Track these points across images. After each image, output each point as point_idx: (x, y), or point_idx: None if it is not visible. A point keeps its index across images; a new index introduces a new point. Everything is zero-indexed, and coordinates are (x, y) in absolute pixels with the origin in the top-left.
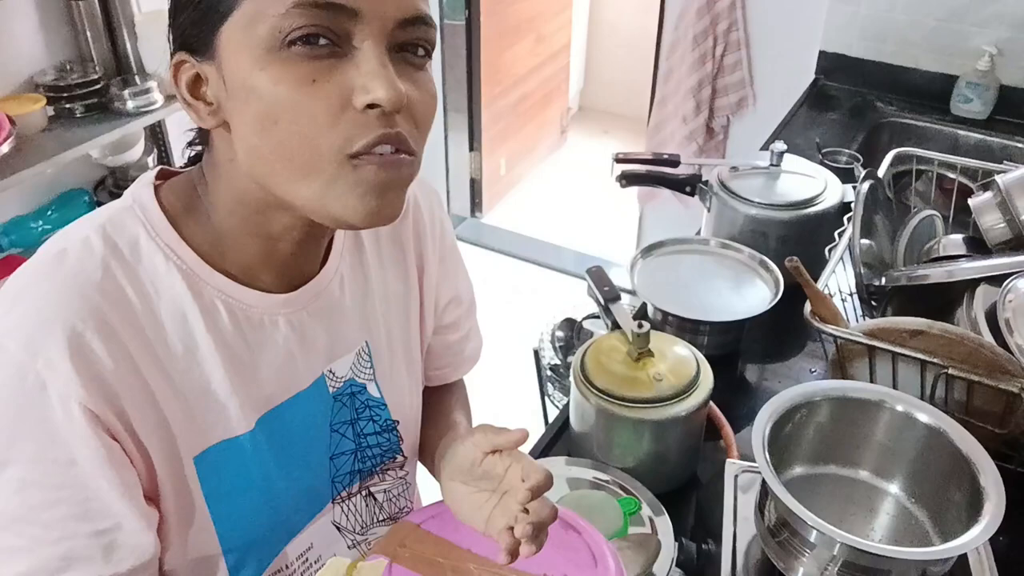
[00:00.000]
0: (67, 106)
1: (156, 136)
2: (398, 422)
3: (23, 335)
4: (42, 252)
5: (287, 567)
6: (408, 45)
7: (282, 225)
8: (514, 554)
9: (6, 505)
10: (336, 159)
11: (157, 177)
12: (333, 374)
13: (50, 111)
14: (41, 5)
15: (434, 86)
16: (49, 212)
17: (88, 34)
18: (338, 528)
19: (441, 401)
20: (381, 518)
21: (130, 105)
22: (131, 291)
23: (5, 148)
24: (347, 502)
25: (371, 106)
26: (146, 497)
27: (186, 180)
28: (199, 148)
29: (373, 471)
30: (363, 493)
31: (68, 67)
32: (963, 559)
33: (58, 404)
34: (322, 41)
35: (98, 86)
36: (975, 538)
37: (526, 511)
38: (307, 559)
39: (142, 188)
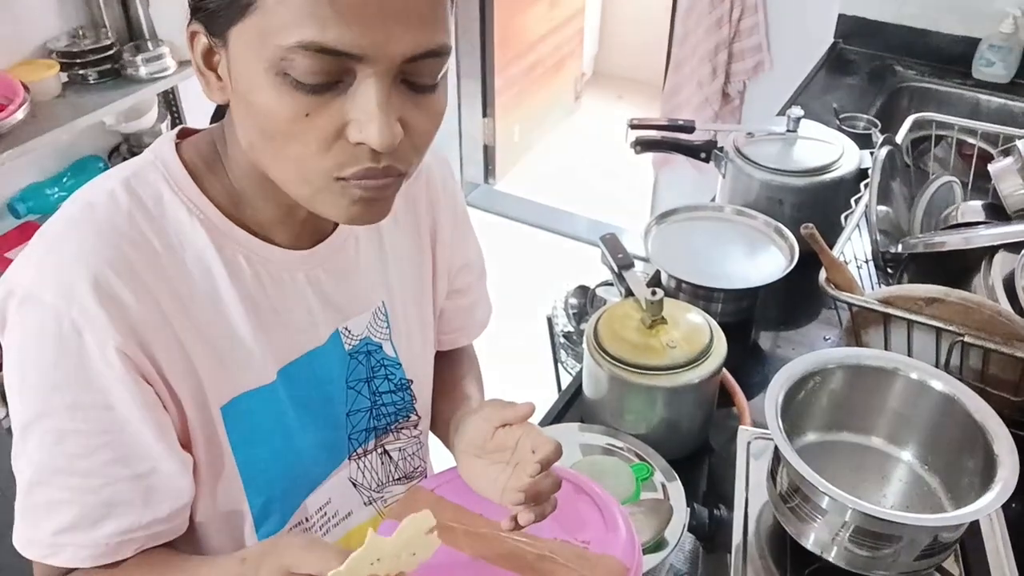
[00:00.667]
0: (80, 72)
1: (169, 102)
2: (412, 381)
3: (56, 284)
4: (69, 205)
5: (307, 520)
6: (416, 75)
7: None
8: (514, 521)
9: (46, 458)
10: (324, 178)
11: (177, 136)
12: (349, 332)
13: (64, 77)
14: None
15: (443, 102)
16: (64, 179)
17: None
18: (354, 484)
19: (453, 371)
20: (396, 476)
21: (143, 71)
22: (157, 241)
23: (20, 115)
24: (363, 459)
25: (363, 143)
26: (180, 445)
27: (207, 138)
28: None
29: (388, 429)
30: (379, 451)
31: (81, 33)
32: (975, 526)
33: (95, 348)
34: (323, 79)
35: (111, 52)
36: (987, 505)
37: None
38: (326, 513)
39: (164, 144)
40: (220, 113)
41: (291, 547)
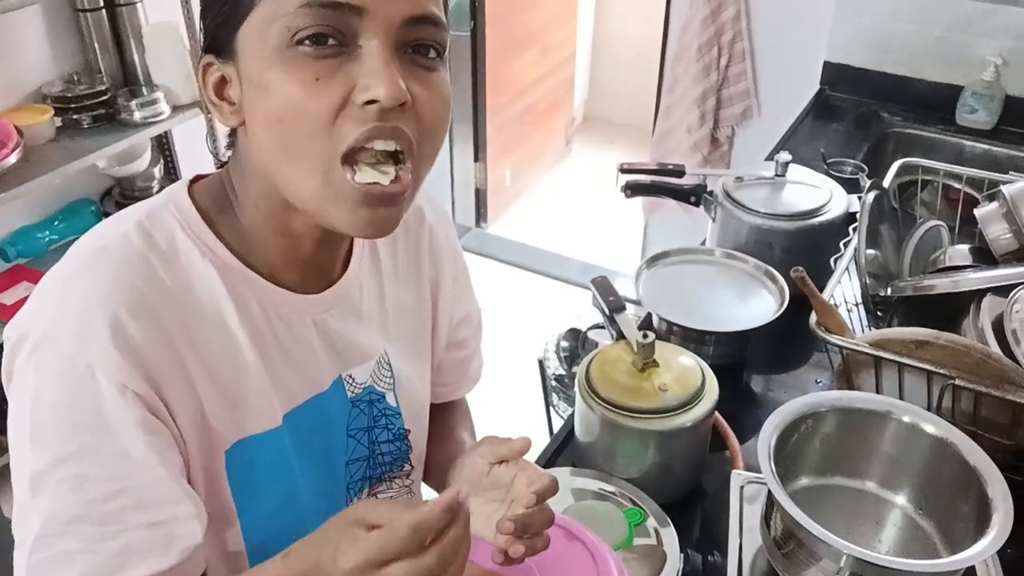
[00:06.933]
0: (75, 117)
1: (163, 146)
2: (410, 431)
3: (72, 327)
4: (82, 247)
5: None
6: (418, 46)
7: (302, 223)
8: (504, 554)
9: (61, 507)
10: (330, 163)
11: (191, 181)
12: (352, 379)
13: (58, 122)
14: (49, 16)
15: (447, 89)
16: (56, 222)
17: (96, 45)
18: None
19: (446, 421)
20: None
21: (137, 116)
22: (170, 281)
23: (13, 159)
24: None
25: (371, 102)
26: None
27: (217, 180)
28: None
29: (382, 478)
30: (369, 499)
31: (76, 78)
32: (971, 571)
33: (111, 392)
34: (330, 41)
35: (105, 97)
36: (983, 550)
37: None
38: None
39: (177, 188)
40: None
41: (360, 505)
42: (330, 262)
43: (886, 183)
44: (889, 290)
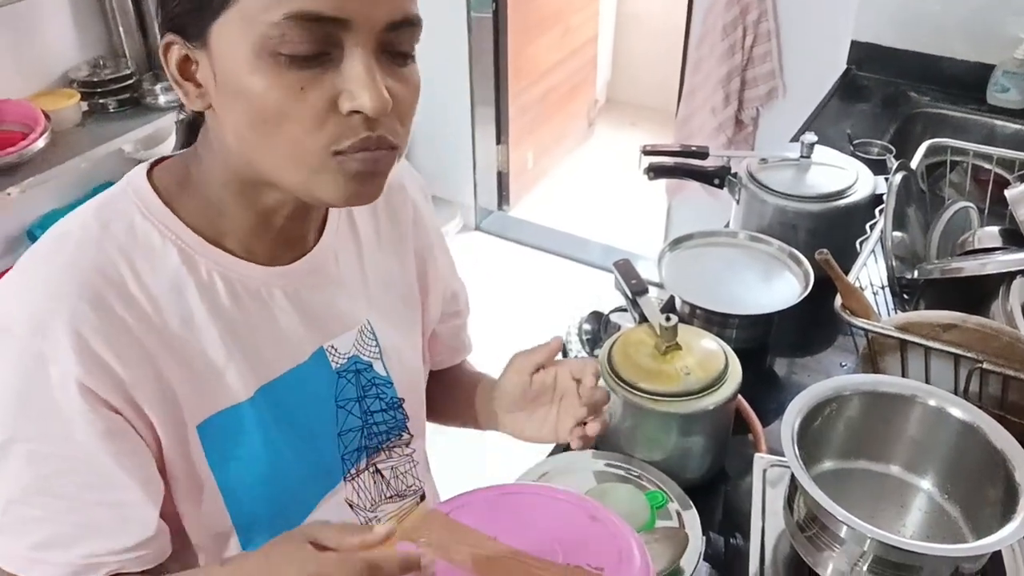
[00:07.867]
0: (100, 101)
1: None
2: (404, 399)
3: (27, 318)
4: (44, 238)
5: None
6: (395, 44)
7: (274, 199)
8: (586, 439)
9: (18, 477)
10: (320, 155)
11: (153, 164)
12: (335, 350)
13: (84, 106)
14: (74, 2)
15: (418, 77)
16: None
17: (121, 30)
18: (351, 506)
19: (456, 372)
20: (389, 495)
21: (162, 100)
22: (124, 268)
23: (40, 143)
24: (356, 479)
25: (357, 112)
26: (158, 469)
27: (179, 160)
28: (189, 128)
29: (380, 448)
30: (371, 470)
31: (101, 63)
32: (997, 556)
33: (58, 381)
34: (312, 50)
35: (131, 81)
36: (1010, 535)
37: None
38: None
39: (135, 172)
40: (187, 140)
41: (306, 526)
42: (302, 233)
43: (914, 164)
44: (916, 273)
